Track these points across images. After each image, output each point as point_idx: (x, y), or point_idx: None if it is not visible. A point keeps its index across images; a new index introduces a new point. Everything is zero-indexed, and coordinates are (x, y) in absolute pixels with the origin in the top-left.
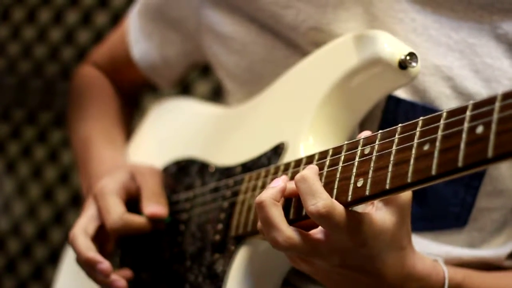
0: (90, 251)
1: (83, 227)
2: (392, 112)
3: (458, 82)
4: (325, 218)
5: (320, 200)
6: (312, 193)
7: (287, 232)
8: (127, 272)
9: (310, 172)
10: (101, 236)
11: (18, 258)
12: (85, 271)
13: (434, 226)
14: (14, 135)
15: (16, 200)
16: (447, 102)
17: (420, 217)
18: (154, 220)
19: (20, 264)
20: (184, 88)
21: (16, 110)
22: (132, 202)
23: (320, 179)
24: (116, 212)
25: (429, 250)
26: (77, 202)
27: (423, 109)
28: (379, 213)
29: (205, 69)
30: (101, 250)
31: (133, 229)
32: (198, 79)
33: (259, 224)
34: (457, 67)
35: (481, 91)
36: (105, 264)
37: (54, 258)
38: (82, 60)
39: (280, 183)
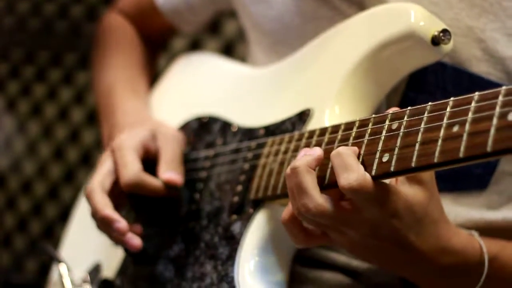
0: (107, 208)
1: (99, 182)
2: (421, 71)
3: (490, 44)
4: (356, 192)
5: (352, 174)
6: (345, 167)
7: (319, 199)
8: (138, 228)
9: (346, 148)
10: (116, 190)
11: (29, 216)
12: (99, 226)
13: (455, 186)
14: (39, 77)
15: (42, 143)
16: (477, 64)
17: (443, 177)
18: (168, 186)
19: (31, 222)
20: (193, 45)
21: (41, 52)
22: (149, 162)
23: None
24: (133, 168)
25: (448, 210)
26: (87, 161)
27: (452, 69)
28: (406, 187)
29: (214, 27)
30: (116, 203)
31: (146, 189)
32: (208, 36)
33: (289, 191)
34: (490, 29)
35: None
36: (121, 223)
37: (64, 217)
38: (107, 2)
39: (317, 151)
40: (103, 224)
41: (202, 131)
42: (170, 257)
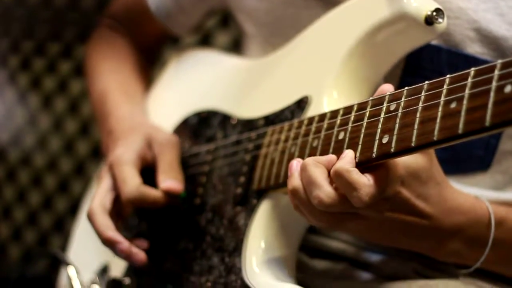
0: (109, 231)
1: (100, 202)
2: (416, 56)
3: (483, 25)
4: (371, 202)
5: (360, 191)
6: (353, 188)
7: (329, 188)
8: (142, 242)
9: (341, 164)
10: (118, 204)
11: (39, 210)
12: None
13: (458, 169)
14: (50, 69)
15: (52, 136)
16: (471, 45)
17: (445, 160)
18: (169, 194)
19: (41, 216)
20: (204, 39)
21: (52, 44)
22: (147, 170)
23: (345, 134)
24: (133, 183)
25: None
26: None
27: (447, 52)
28: (407, 156)
29: (225, 19)
30: (119, 216)
31: (148, 202)
32: (218, 29)
33: (297, 188)
34: (482, 10)
35: (506, 35)
36: (124, 244)
37: (74, 210)
38: None
39: (329, 156)
40: (107, 245)
41: (202, 125)
42: (177, 253)
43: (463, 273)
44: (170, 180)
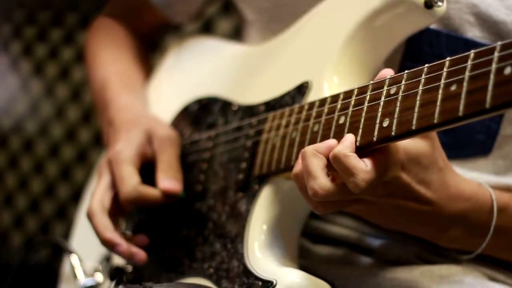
0: (108, 232)
1: (99, 202)
2: (416, 40)
3: (483, 9)
4: (367, 188)
5: (357, 176)
6: (350, 173)
7: (323, 179)
8: (142, 238)
9: (340, 148)
10: (118, 201)
11: (41, 197)
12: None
13: (459, 153)
14: (52, 55)
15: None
16: (471, 29)
17: (446, 144)
18: (167, 195)
19: (43, 203)
20: (205, 26)
21: (53, 30)
22: (148, 165)
23: (345, 119)
24: (131, 183)
25: None
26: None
27: (447, 37)
28: (408, 141)
29: (226, 7)
30: (120, 212)
31: (146, 201)
32: (220, 17)
33: (299, 175)
34: None
35: (506, 19)
36: (122, 246)
37: (76, 197)
38: None
39: (329, 141)
40: (106, 246)
41: (202, 112)
42: (179, 240)
43: (465, 258)
44: (168, 179)
